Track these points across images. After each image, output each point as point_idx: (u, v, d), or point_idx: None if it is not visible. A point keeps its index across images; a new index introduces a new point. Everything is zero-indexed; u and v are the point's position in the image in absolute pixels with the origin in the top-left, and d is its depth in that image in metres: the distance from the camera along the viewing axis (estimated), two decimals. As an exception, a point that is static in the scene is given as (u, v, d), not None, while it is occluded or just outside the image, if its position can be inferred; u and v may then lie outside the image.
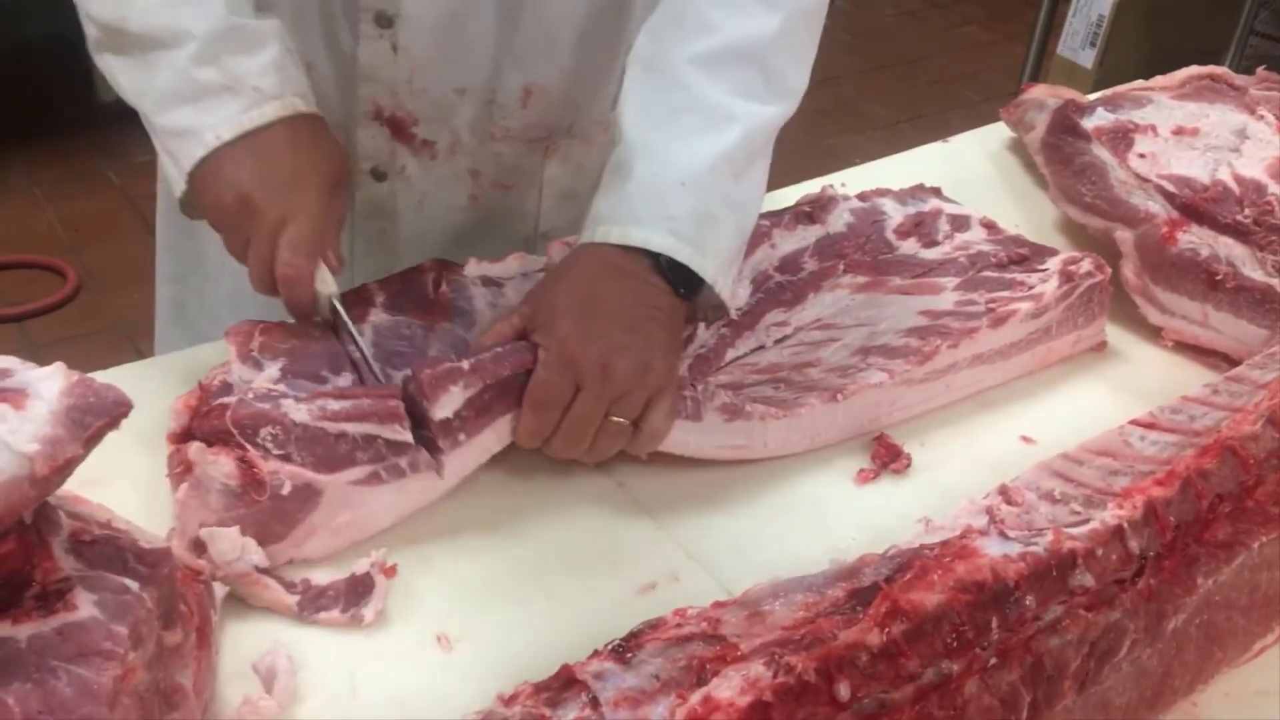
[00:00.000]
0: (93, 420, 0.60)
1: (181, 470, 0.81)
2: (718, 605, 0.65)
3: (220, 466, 0.80)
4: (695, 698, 0.56)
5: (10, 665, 0.55)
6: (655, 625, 0.63)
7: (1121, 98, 1.22)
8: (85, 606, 0.58)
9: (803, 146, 3.81)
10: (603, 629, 0.80)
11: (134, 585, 0.61)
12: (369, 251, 1.15)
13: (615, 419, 0.88)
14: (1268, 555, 0.77)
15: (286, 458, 0.81)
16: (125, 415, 0.62)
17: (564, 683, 0.59)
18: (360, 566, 0.82)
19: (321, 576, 0.82)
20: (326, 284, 0.92)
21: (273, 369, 0.88)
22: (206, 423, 0.82)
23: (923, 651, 0.63)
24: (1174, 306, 1.10)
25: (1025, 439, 1.01)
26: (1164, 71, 1.59)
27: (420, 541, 0.87)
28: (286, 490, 0.81)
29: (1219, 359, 1.09)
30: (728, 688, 0.57)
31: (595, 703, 0.57)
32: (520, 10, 1.04)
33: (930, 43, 4.27)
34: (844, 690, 0.59)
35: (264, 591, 0.79)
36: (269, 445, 0.81)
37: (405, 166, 1.11)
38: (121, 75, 0.93)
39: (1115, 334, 1.13)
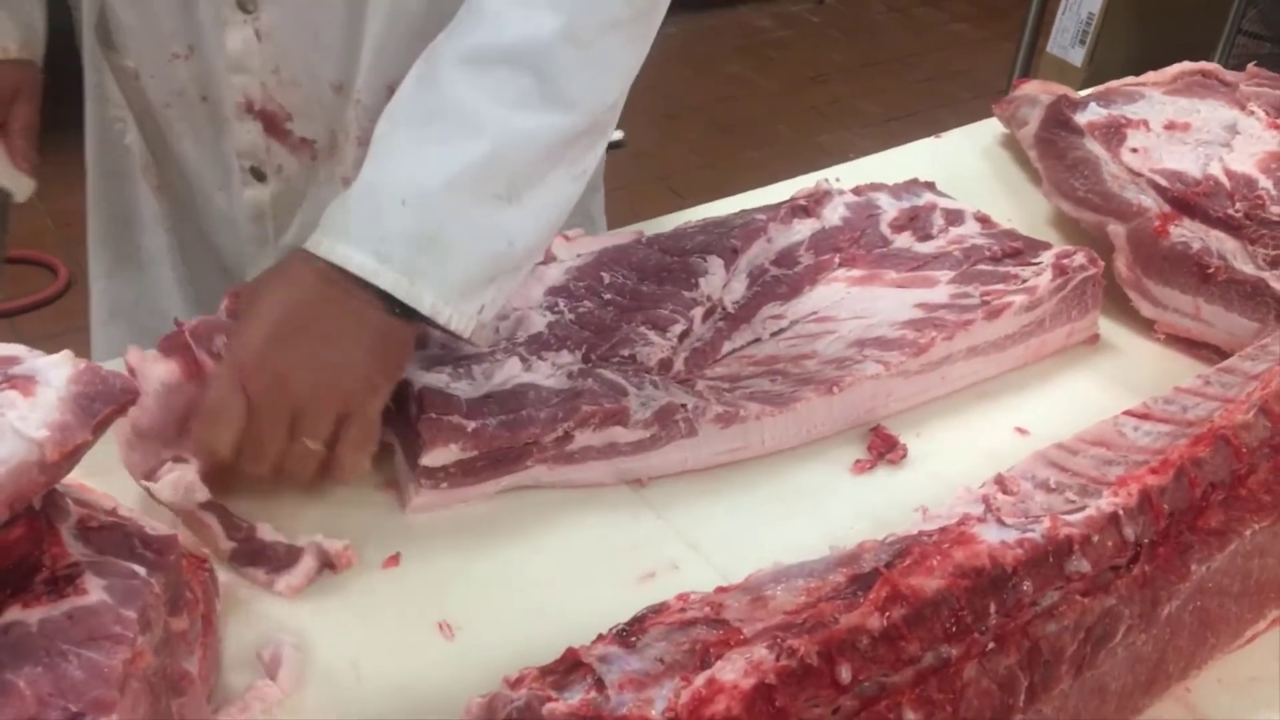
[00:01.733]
0: (101, 407, 0.61)
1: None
2: (720, 590, 0.66)
3: (160, 366, 0.85)
4: (699, 680, 0.57)
5: (21, 648, 0.55)
6: (659, 610, 0.64)
7: (1114, 93, 1.24)
8: (95, 591, 0.58)
9: (793, 143, 3.84)
10: (604, 616, 0.81)
11: (142, 571, 0.61)
12: (257, 254, 1.14)
13: (304, 440, 0.82)
14: (1260, 543, 0.78)
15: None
16: (133, 402, 0.63)
17: (569, 666, 0.60)
18: (307, 539, 0.83)
19: (268, 534, 0.83)
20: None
21: None
22: (167, 342, 0.87)
23: (922, 635, 0.64)
24: (1166, 300, 1.11)
25: (1020, 430, 1.02)
26: (1153, 70, 1.60)
27: (421, 531, 0.87)
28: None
29: (1210, 351, 1.10)
30: (731, 670, 0.57)
31: (600, 685, 0.58)
32: (373, 3, 1.01)
33: (921, 40, 4.29)
34: (845, 673, 0.60)
35: (203, 530, 0.81)
36: (220, 351, 0.86)
37: (282, 166, 1.09)
38: None
39: (1108, 327, 1.14)
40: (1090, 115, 1.20)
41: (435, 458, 0.85)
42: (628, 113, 0.99)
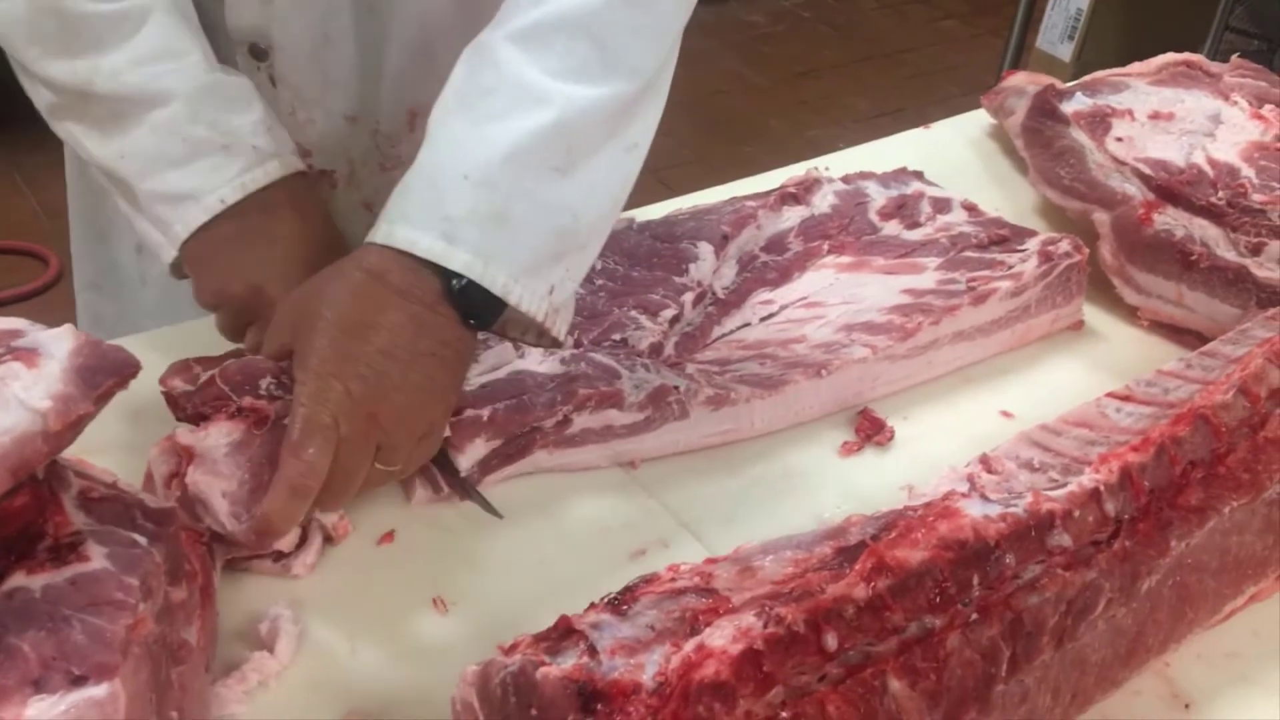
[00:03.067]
0: (103, 379, 0.62)
1: (180, 461, 0.79)
2: (710, 561, 0.67)
3: (216, 433, 0.81)
4: (689, 646, 0.58)
5: (25, 614, 0.57)
6: (649, 580, 0.65)
7: (1100, 83, 1.25)
8: (97, 559, 0.59)
9: (784, 138, 3.85)
10: (595, 590, 0.81)
11: (143, 541, 0.62)
12: None
13: (379, 467, 0.78)
14: (1238, 520, 0.79)
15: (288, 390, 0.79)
16: (134, 375, 0.64)
17: (562, 633, 0.61)
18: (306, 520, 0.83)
19: None
20: None
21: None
22: (199, 399, 0.83)
23: (906, 606, 0.65)
24: (1150, 286, 1.12)
25: (1005, 413, 1.03)
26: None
27: (415, 510, 0.89)
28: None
29: (1193, 337, 1.11)
30: (720, 637, 0.59)
31: (593, 651, 0.59)
32: (386, 30, 1.00)
33: (911, 36, 4.31)
34: (831, 641, 0.62)
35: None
36: (272, 391, 0.82)
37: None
38: (89, 141, 0.88)
39: (1092, 313, 1.15)
40: (1076, 105, 1.22)
41: (469, 456, 0.87)
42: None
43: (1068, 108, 1.21)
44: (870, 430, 0.99)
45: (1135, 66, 1.29)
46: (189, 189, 0.86)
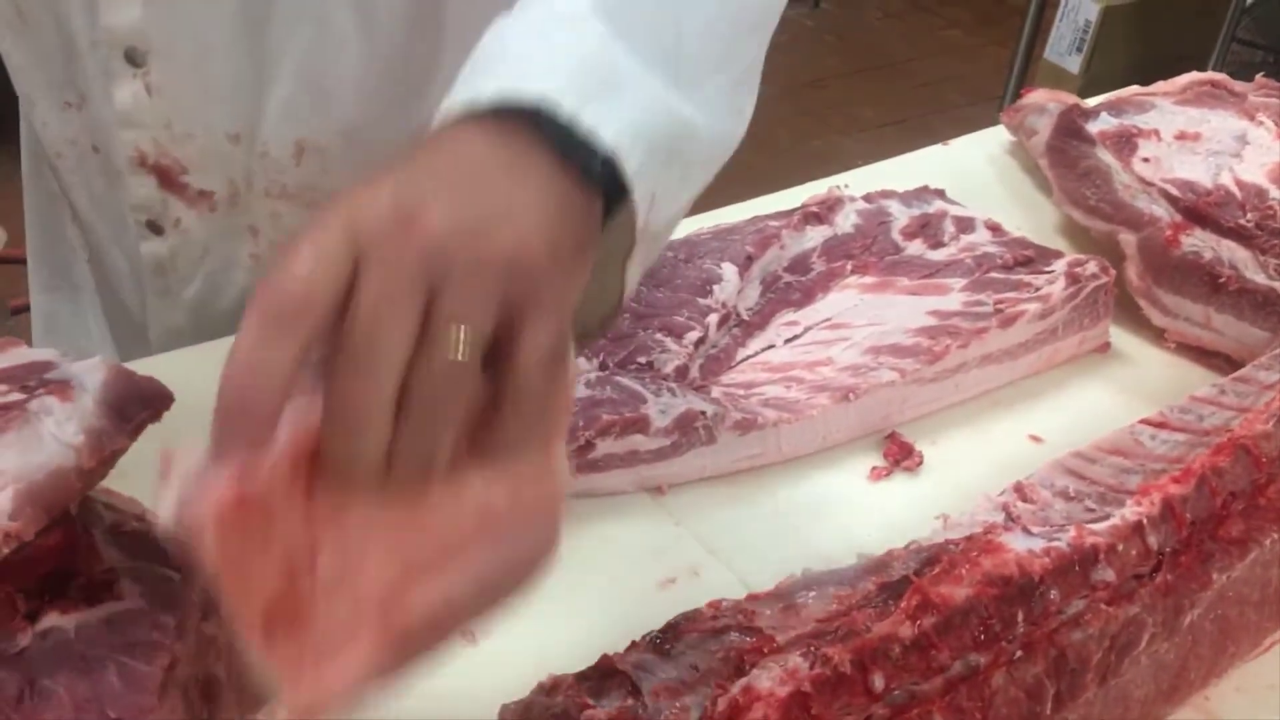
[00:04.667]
0: (136, 412, 0.61)
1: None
2: (752, 598, 0.66)
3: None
4: (735, 688, 0.57)
5: (59, 655, 0.55)
6: (691, 617, 0.64)
7: (1125, 103, 1.24)
8: (131, 597, 0.58)
9: (788, 148, 3.84)
10: (626, 621, 0.81)
11: (176, 576, 0.61)
12: (158, 309, 1.09)
13: (452, 328, 0.46)
14: (1279, 551, 0.79)
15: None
16: (167, 407, 0.63)
17: (604, 673, 0.60)
18: None
19: None
20: None
21: None
22: None
23: (952, 644, 0.64)
24: (1177, 309, 1.11)
25: (1033, 438, 1.02)
26: (1149, 76, 1.61)
27: (441, 536, 0.87)
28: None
29: (1221, 360, 1.11)
30: (767, 679, 0.58)
31: (636, 692, 0.58)
32: (277, 56, 0.95)
33: (916, 46, 4.31)
34: (878, 681, 0.60)
35: None
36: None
37: (180, 219, 1.03)
38: None
39: (1118, 335, 1.14)
40: (1101, 124, 1.21)
41: None
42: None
43: (1093, 127, 1.20)
44: (899, 455, 0.98)
45: (1159, 86, 1.29)
46: None
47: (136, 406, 0.61)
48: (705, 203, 1.30)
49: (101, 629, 0.57)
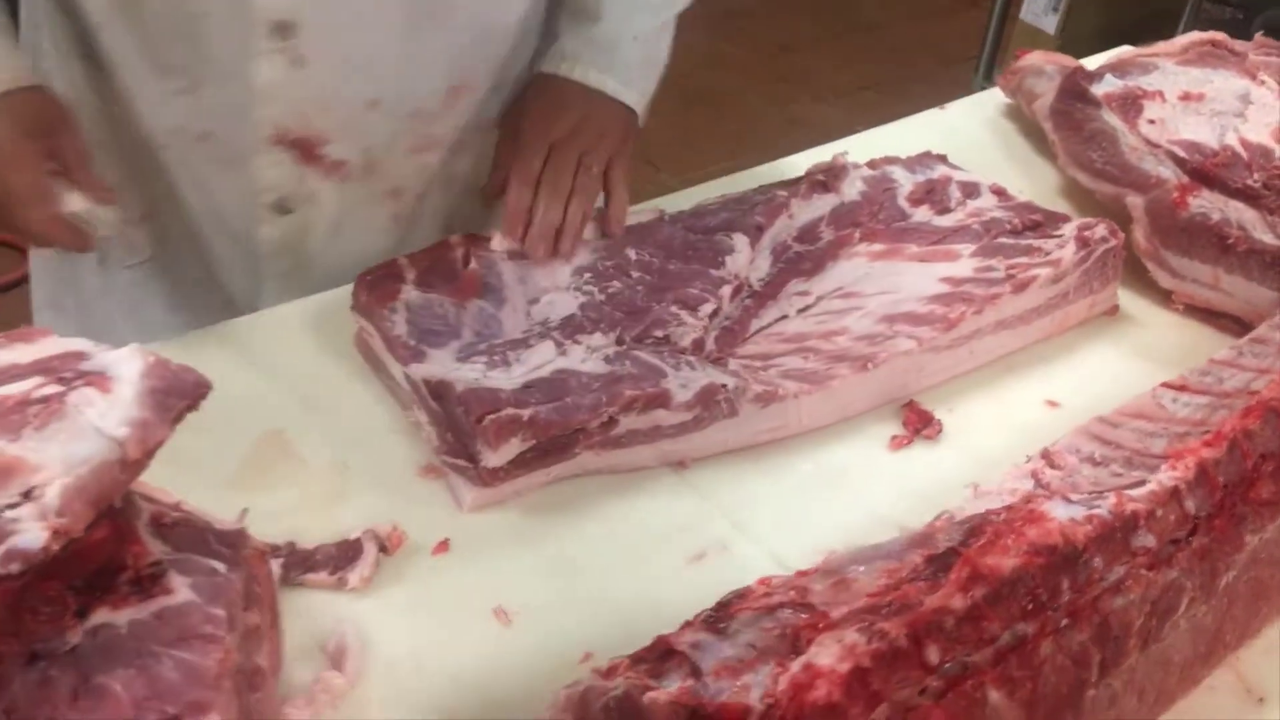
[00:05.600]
0: (175, 401, 0.60)
1: None
2: (801, 574, 0.66)
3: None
4: (796, 666, 0.57)
5: (112, 651, 0.54)
6: (743, 595, 0.64)
7: (1128, 64, 1.24)
8: (181, 590, 0.57)
9: (764, 114, 3.81)
10: (659, 599, 0.81)
11: (221, 567, 0.60)
12: (277, 290, 1.09)
13: (587, 169, 1.04)
14: (1307, 512, 0.79)
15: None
16: (205, 396, 0.62)
17: (661, 654, 0.60)
18: (352, 533, 0.82)
19: (308, 541, 0.81)
20: (88, 209, 0.90)
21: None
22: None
23: (1001, 614, 0.64)
24: (1185, 270, 1.12)
25: (1050, 403, 1.02)
26: (1124, 35, 1.61)
27: (465, 517, 0.87)
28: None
29: (1229, 321, 1.11)
30: (827, 655, 0.57)
31: (697, 672, 0.57)
32: (442, 7, 0.98)
33: (887, 10, 4.29)
34: (933, 654, 0.60)
35: None
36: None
37: (316, 194, 1.05)
38: None
39: (1126, 298, 1.15)
40: (1106, 86, 1.20)
41: (500, 455, 0.84)
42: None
43: (1097, 89, 1.20)
44: (919, 424, 0.98)
45: (1160, 46, 1.28)
46: None
47: (176, 396, 0.59)
48: (672, 170, 1.29)
49: (154, 623, 0.56)
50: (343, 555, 0.81)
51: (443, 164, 1.11)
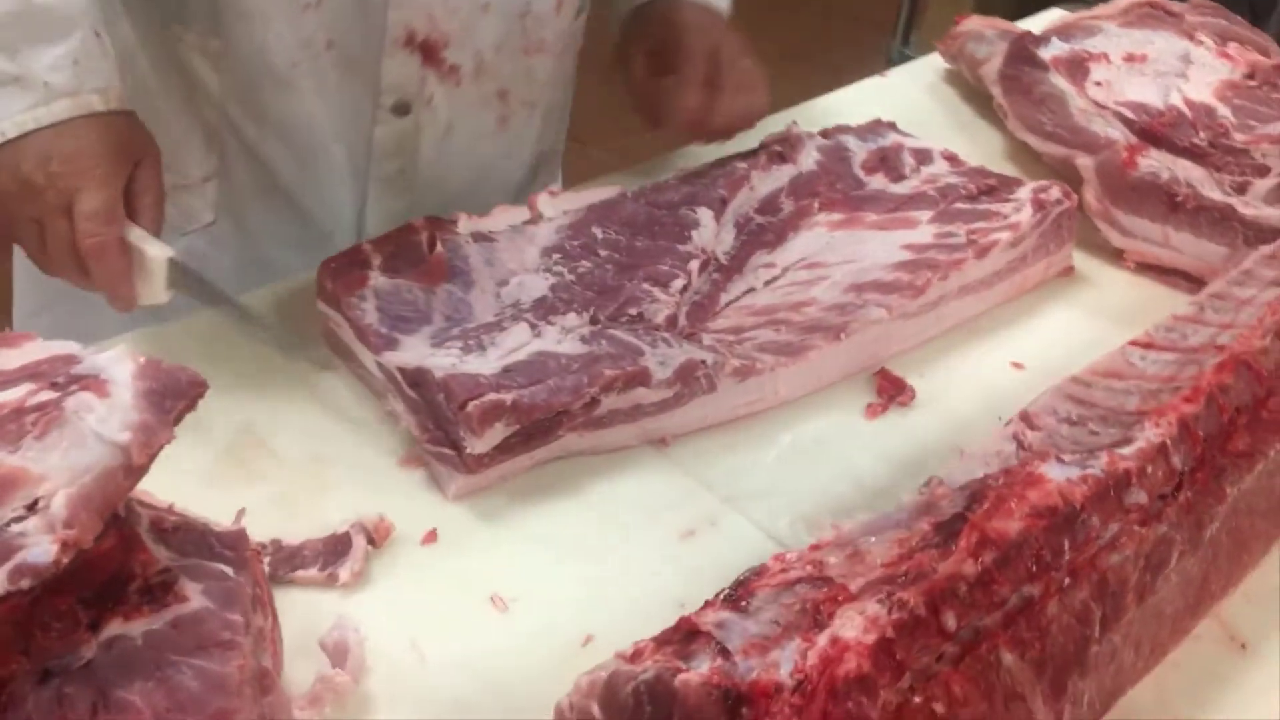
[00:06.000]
0: (173, 403, 0.58)
1: None
2: (815, 547, 0.66)
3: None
4: (823, 639, 0.57)
5: (129, 663, 0.53)
6: (759, 572, 0.64)
7: (1072, 27, 1.26)
8: (195, 597, 0.56)
9: (690, 85, 3.77)
10: (655, 576, 0.82)
11: (229, 571, 0.59)
12: (382, 195, 1.12)
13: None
14: (1280, 461, 0.81)
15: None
16: (202, 395, 0.60)
17: (686, 635, 0.59)
18: (339, 527, 0.81)
19: (292, 538, 0.80)
20: (154, 246, 0.88)
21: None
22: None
23: (1010, 577, 0.65)
24: (1135, 229, 1.14)
25: (1015, 364, 1.04)
26: (1044, 2, 1.64)
27: (452, 505, 0.86)
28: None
29: (1179, 278, 1.14)
30: (851, 628, 0.58)
31: (725, 652, 0.57)
32: None
33: (799, -23, 4.30)
34: (951, 620, 0.61)
35: None
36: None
37: (433, 95, 1.08)
38: None
39: (1079, 258, 1.16)
40: (1053, 50, 1.22)
41: (485, 441, 0.83)
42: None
43: (1044, 53, 1.21)
44: (892, 391, 0.99)
45: (1102, 9, 1.30)
46: None
47: (173, 397, 0.57)
48: (602, 144, 1.28)
49: (170, 633, 0.54)
50: (330, 550, 0.79)
51: (549, 70, 1.15)
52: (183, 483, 0.79)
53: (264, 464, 0.87)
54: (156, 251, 0.87)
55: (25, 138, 0.85)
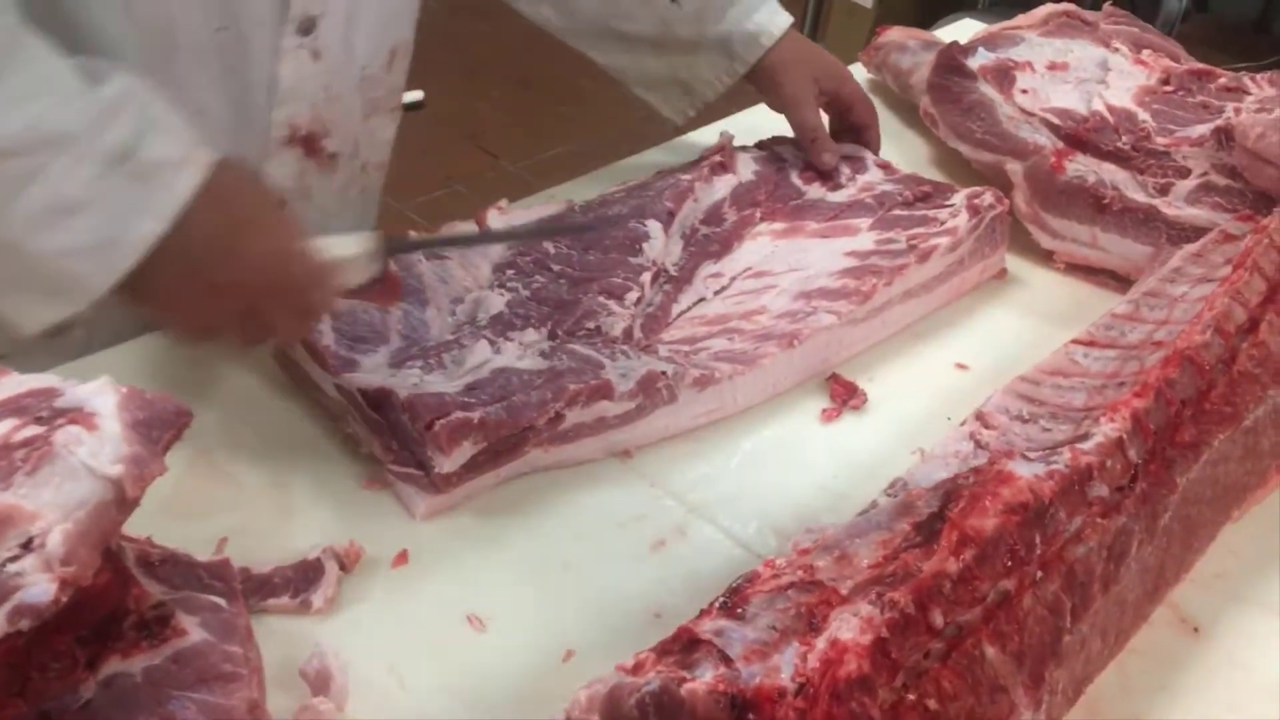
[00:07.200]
0: (160, 433, 0.57)
1: None
2: (803, 552, 0.67)
3: None
4: (821, 642, 0.58)
5: (130, 702, 0.52)
6: (751, 579, 0.65)
7: (997, 37, 1.29)
8: (193, 630, 0.55)
9: (598, 98, 3.80)
10: (628, 590, 0.82)
11: (222, 602, 0.58)
12: None
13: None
14: (1223, 450, 0.85)
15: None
16: (188, 424, 0.59)
17: (686, 644, 0.60)
18: (309, 553, 0.80)
19: (260, 565, 0.78)
20: (350, 243, 0.85)
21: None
22: None
23: (988, 573, 0.67)
24: (1064, 231, 1.18)
25: (959, 365, 1.07)
26: (940, 12, 1.68)
27: (420, 526, 0.85)
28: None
29: (1107, 277, 1.18)
30: (848, 630, 0.59)
31: (726, 659, 0.58)
32: None
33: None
34: (938, 618, 0.63)
35: None
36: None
37: (312, 187, 1.04)
38: None
39: (1012, 261, 1.20)
40: (980, 59, 1.26)
41: (453, 460, 0.83)
42: (425, 71, 1.03)
43: (972, 63, 1.24)
44: (845, 395, 1.01)
45: (1021, 19, 1.35)
46: (106, 237, 0.73)
47: (160, 428, 0.57)
48: (512, 157, 1.28)
49: (170, 668, 0.53)
50: (301, 577, 0.78)
51: (386, 126, 1.11)
52: (141, 513, 0.77)
53: (225, 491, 0.86)
54: (358, 247, 0.85)
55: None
